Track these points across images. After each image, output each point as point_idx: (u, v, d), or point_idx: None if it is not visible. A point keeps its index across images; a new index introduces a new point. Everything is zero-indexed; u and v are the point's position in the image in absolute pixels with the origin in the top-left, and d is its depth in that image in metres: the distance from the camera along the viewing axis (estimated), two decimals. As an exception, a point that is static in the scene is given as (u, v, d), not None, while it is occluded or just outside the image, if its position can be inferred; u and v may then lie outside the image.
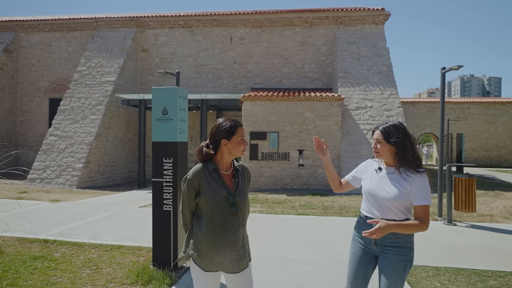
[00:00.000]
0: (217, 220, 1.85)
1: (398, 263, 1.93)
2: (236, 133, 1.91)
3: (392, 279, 1.92)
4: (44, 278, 3.50)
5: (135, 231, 5.51)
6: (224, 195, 1.87)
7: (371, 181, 2.07)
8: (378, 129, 2.06)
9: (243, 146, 1.94)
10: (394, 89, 12.48)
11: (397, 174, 1.98)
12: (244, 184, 1.99)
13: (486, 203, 8.55)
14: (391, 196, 1.95)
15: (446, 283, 3.57)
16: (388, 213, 1.96)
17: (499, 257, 4.41)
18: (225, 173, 1.93)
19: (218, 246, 1.83)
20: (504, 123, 22.92)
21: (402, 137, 1.98)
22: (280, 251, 4.54)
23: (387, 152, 2.01)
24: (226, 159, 1.94)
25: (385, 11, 14.12)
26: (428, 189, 1.95)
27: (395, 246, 1.95)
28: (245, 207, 1.94)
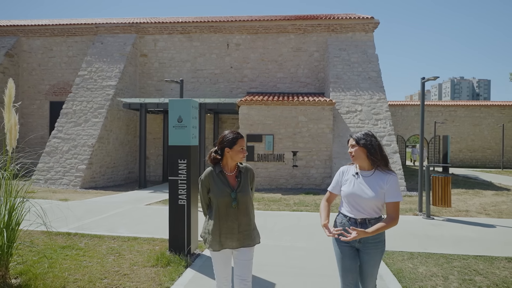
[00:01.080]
0: (222, 211, 2.37)
1: (377, 255, 2.28)
2: (237, 144, 2.40)
3: (373, 268, 2.29)
4: (76, 262, 4.08)
5: (146, 225, 6.10)
6: (227, 192, 2.37)
7: (351, 185, 2.33)
8: (352, 137, 2.40)
9: (243, 154, 2.43)
10: (383, 94, 13.22)
11: (375, 175, 2.26)
12: (247, 182, 2.46)
13: (465, 200, 9.30)
14: (369, 196, 2.22)
15: (418, 264, 4.23)
16: (367, 212, 2.25)
17: (465, 244, 5.10)
18: (229, 174, 2.45)
19: (221, 230, 2.36)
20: (489, 126, 23.89)
21: (370, 141, 2.30)
22: (278, 241, 5.18)
23: (361, 155, 2.30)
24: (230, 163, 2.45)
25: (374, 20, 14.88)
26: (398, 187, 2.24)
27: (375, 242, 2.27)
28: (246, 201, 2.41)
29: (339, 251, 2.37)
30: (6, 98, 3.49)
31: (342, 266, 2.35)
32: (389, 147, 11.94)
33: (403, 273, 3.92)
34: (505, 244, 5.16)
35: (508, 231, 5.95)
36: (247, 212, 2.42)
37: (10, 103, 3.48)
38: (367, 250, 2.27)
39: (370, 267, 2.29)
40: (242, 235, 2.38)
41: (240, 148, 2.41)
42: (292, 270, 3.98)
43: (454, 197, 9.72)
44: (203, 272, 3.82)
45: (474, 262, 4.33)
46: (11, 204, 3.35)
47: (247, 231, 2.41)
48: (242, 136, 2.46)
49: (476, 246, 5.05)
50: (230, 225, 2.36)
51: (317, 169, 12.21)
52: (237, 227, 2.37)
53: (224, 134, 2.46)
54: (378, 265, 2.32)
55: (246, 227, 2.41)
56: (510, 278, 3.82)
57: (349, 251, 2.33)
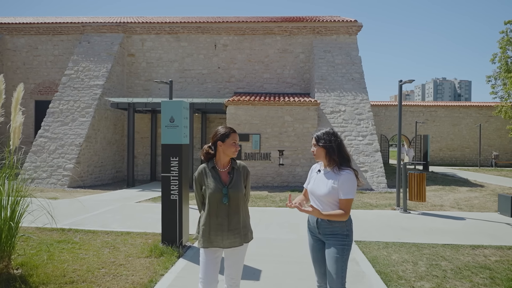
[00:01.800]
0: (212, 207, 2.34)
1: (337, 247, 2.29)
2: (229, 137, 2.40)
3: (333, 260, 2.29)
4: (73, 255, 4.31)
5: (138, 221, 6.33)
6: (219, 188, 2.33)
7: (312, 181, 2.46)
8: (313, 136, 2.47)
9: (235, 148, 2.40)
10: (365, 95, 13.72)
11: (331, 173, 2.35)
12: (240, 179, 2.43)
13: (441, 196, 9.85)
14: (323, 192, 2.32)
15: (391, 252, 4.64)
16: (325, 207, 2.32)
17: (436, 235, 5.55)
18: (222, 170, 2.42)
19: (211, 227, 2.33)
20: (467, 125, 24.86)
21: (329, 141, 2.36)
22: (264, 234, 5.51)
23: (321, 153, 2.39)
24: (223, 158, 2.43)
25: (357, 23, 15.38)
26: (351, 185, 2.28)
27: (333, 234, 2.32)
28: (237, 198, 2.37)
29: (309, 242, 2.51)
30: (13, 101, 3.70)
31: (311, 256, 2.50)
32: (371, 145, 12.44)
33: (378, 260, 4.31)
34: (471, 234, 5.63)
35: (475, 223, 6.45)
36: (237, 210, 2.39)
37: (17, 105, 3.70)
38: (328, 241, 2.34)
39: (330, 260, 2.29)
40: (232, 233, 2.35)
41: (233, 142, 2.40)
42: (277, 259, 4.32)
43: (431, 193, 10.27)
44: (195, 261, 4.11)
45: (442, 249, 4.76)
46: (14, 200, 3.56)
47: (237, 229, 2.37)
48: (235, 131, 2.47)
49: (445, 236, 5.50)
50: (220, 221, 2.33)
51: (302, 167, 12.60)
52: (226, 224, 2.33)
53: (217, 129, 2.49)
54: (340, 261, 2.28)
55: (236, 225, 2.36)
56: (472, 263, 4.26)
57: (316, 243, 2.44)
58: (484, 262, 4.26)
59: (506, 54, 19.74)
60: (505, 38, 19.59)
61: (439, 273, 3.90)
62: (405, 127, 24.78)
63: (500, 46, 19.95)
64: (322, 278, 2.45)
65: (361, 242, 5.08)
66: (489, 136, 24.53)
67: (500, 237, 5.44)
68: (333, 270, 2.29)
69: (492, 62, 20.89)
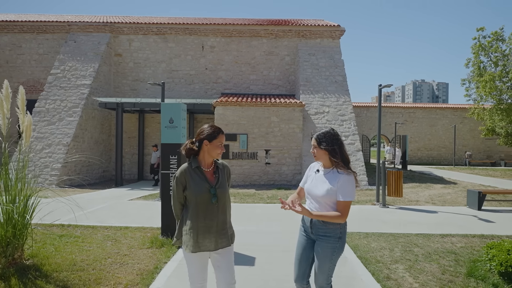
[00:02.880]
0: (200, 209, 2.23)
1: (327, 250, 2.28)
2: (217, 138, 2.30)
3: (321, 262, 2.30)
4: (78, 247, 4.59)
5: (134, 217, 6.61)
6: (206, 188, 2.24)
7: (310, 181, 2.42)
8: (313, 136, 2.40)
9: (220, 150, 2.31)
10: (348, 96, 14.35)
11: (330, 174, 2.30)
12: (224, 178, 2.36)
13: (417, 192, 10.54)
14: (321, 193, 2.28)
15: (371, 241, 5.14)
16: (323, 207, 2.30)
17: (411, 226, 6.11)
18: (206, 170, 2.32)
19: (199, 229, 2.22)
20: (443, 126, 26.04)
21: (332, 143, 2.31)
22: (255, 227, 5.92)
23: (322, 156, 2.35)
24: (207, 158, 2.32)
25: (340, 28, 16.01)
26: (351, 187, 2.24)
27: (326, 236, 2.30)
28: (225, 197, 2.31)
29: (298, 239, 2.49)
30: (19, 102, 3.96)
31: (295, 254, 2.48)
32: (353, 145, 13.05)
33: (359, 247, 4.80)
34: (442, 225, 6.23)
35: (446, 215, 7.07)
36: (224, 210, 2.33)
37: (24, 105, 3.96)
38: (319, 241, 2.33)
39: (320, 260, 2.30)
40: (219, 235, 2.28)
41: (219, 144, 2.32)
42: (268, 248, 4.74)
43: (408, 190, 10.95)
44: (193, 251, 4.48)
45: (415, 238, 5.30)
46: (26, 196, 3.84)
47: (224, 230, 2.31)
48: (222, 132, 2.38)
49: (419, 227, 6.06)
50: (207, 223, 2.24)
51: (288, 166, 13.09)
52: (215, 225, 2.26)
53: (205, 127, 2.37)
54: (328, 262, 2.29)
55: (223, 225, 2.31)
56: (440, 248, 4.80)
57: (306, 241, 2.42)
58: (451, 248, 4.82)
59: (479, 59, 20.85)
60: (477, 44, 20.69)
61: (411, 257, 4.42)
62: (385, 127, 25.73)
63: (473, 52, 21.05)
64: (301, 279, 2.42)
65: (344, 233, 5.57)
66: (463, 136, 25.78)
67: (467, 227, 6.05)
68: (320, 270, 2.29)
69: (466, 66, 22.00)
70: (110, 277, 3.59)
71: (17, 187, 3.82)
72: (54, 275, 3.59)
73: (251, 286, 3.47)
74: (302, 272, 2.41)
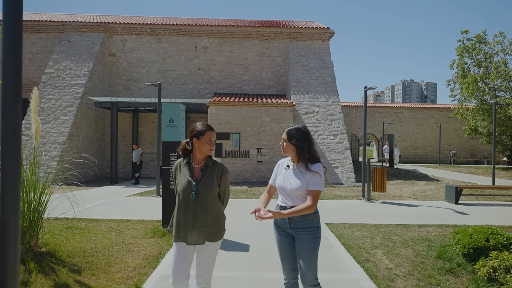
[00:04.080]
0: (181, 202, 2.33)
1: (310, 241, 2.34)
2: (205, 135, 2.35)
3: (307, 254, 2.33)
4: (85, 237, 4.96)
5: (133, 211, 6.98)
6: (188, 183, 2.31)
7: (282, 177, 2.46)
8: (285, 130, 2.47)
9: (209, 146, 2.36)
10: (337, 97, 14.88)
11: (301, 167, 2.37)
12: (212, 177, 2.36)
13: (401, 188, 11.11)
14: (294, 187, 2.34)
15: (354, 231, 5.62)
16: (296, 201, 2.36)
17: (392, 218, 6.62)
18: (196, 166, 2.39)
19: (180, 223, 2.31)
20: (429, 126, 26.86)
21: (301, 140, 2.38)
22: (248, 219, 6.36)
23: (290, 150, 2.42)
24: (198, 155, 2.39)
25: (330, 30, 16.53)
26: (320, 178, 2.33)
27: (305, 228, 2.35)
28: (206, 195, 2.31)
29: (276, 238, 2.52)
30: (32, 105, 4.31)
31: (279, 252, 2.49)
32: (341, 144, 13.59)
33: (343, 236, 5.27)
34: (420, 216, 6.76)
35: (425, 209, 7.62)
36: (205, 207, 2.33)
37: (36, 107, 4.31)
38: (299, 235, 2.36)
39: (304, 253, 2.33)
40: (196, 231, 2.30)
41: (208, 140, 2.36)
42: (261, 236, 5.18)
43: (393, 186, 11.52)
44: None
45: (395, 228, 5.81)
46: (40, 190, 4.20)
47: (203, 227, 2.31)
48: (211, 128, 2.42)
49: (399, 218, 6.58)
50: (187, 217, 2.30)
51: (279, 164, 13.54)
52: (192, 220, 2.29)
53: (194, 125, 2.45)
54: (313, 254, 2.34)
55: (202, 223, 2.31)
56: (416, 236, 5.31)
57: (285, 238, 2.45)
58: (426, 236, 5.33)
59: (463, 61, 21.64)
60: (462, 46, 21.47)
61: (390, 244, 4.91)
62: (373, 127, 26.43)
63: (458, 54, 21.83)
64: (290, 273, 2.47)
65: (330, 224, 6.05)
66: (448, 135, 26.65)
67: (443, 219, 6.59)
68: (306, 264, 2.32)
69: (451, 67, 22.79)
70: (119, 261, 3.99)
71: (32, 183, 4.17)
72: (67, 260, 3.96)
73: (247, 267, 3.90)
74: (291, 267, 2.45)
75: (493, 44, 20.72)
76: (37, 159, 4.46)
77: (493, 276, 3.40)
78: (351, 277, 3.67)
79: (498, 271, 3.38)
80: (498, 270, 3.39)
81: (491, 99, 20.40)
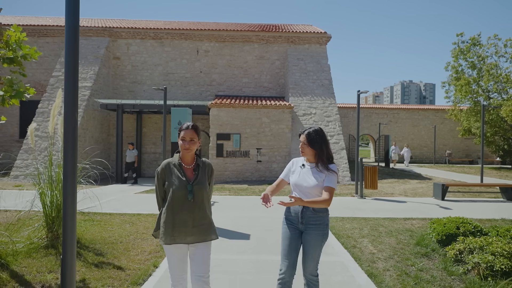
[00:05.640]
0: (176, 203, 2.32)
1: (318, 237, 2.47)
2: (180, 134, 2.37)
3: (313, 249, 2.46)
4: (102, 228, 5.52)
5: (143, 206, 7.55)
6: (183, 184, 2.32)
7: (297, 175, 2.59)
8: (304, 133, 2.57)
9: (183, 144, 2.34)
10: (333, 99, 15.45)
11: (316, 168, 2.53)
12: (204, 177, 2.42)
13: (393, 186, 11.68)
14: (311, 185, 2.48)
15: (345, 223, 6.20)
16: (310, 198, 2.49)
17: (381, 212, 7.20)
18: (187, 167, 2.40)
19: (175, 223, 2.31)
20: (425, 127, 27.44)
21: (321, 142, 2.53)
22: (249, 213, 6.93)
23: (310, 152, 2.56)
24: (183, 155, 2.40)
25: (327, 34, 17.12)
26: (335, 178, 2.51)
27: (316, 224, 2.48)
28: (202, 194, 2.37)
29: (284, 231, 2.61)
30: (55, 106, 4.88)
31: (283, 245, 2.57)
32: (337, 144, 14.16)
33: (335, 227, 5.84)
34: (407, 211, 7.33)
35: (413, 205, 8.19)
36: (202, 206, 2.39)
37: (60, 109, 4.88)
38: (309, 231, 2.48)
39: (311, 248, 2.46)
40: (196, 230, 2.35)
41: (183, 138, 2.35)
42: (261, 228, 5.75)
43: (387, 185, 12.09)
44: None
45: (382, 221, 6.38)
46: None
47: (202, 225, 2.37)
48: (188, 128, 2.40)
49: (388, 213, 7.16)
50: (184, 218, 2.32)
51: (278, 163, 14.12)
52: (191, 220, 2.33)
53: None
54: (319, 248, 2.48)
55: (201, 221, 2.37)
56: (401, 228, 5.88)
57: (293, 232, 2.54)
58: (410, 227, 5.90)
59: (458, 62, 22.22)
60: (457, 49, 22.06)
61: (376, 234, 5.48)
62: (370, 127, 27.00)
63: (452, 56, 22.41)
64: (290, 268, 2.53)
65: (324, 217, 6.62)
66: (444, 136, 27.24)
67: (427, 213, 7.17)
68: (312, 257, 2.47)
69: (446, 69, 23.38)
70: (136, 247, 4.55)
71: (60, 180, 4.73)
72: (90, 246, 4.53)
73: (249, 252, 4.47)
74: (292, 261, 2.52)
75: (487, 46, 21.31)
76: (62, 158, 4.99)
77: (459, 257, 3.97)
78: (338, 259, 4.24)
79: (463, 253, 3.95)
80: (463, 252, 3.96)
81: (484, 100, 20.98)
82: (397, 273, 3.82)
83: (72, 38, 2.34)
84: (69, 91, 2.39)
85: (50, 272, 3.62)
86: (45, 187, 4.63)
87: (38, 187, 4.63)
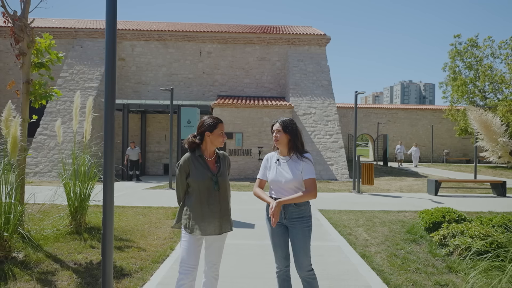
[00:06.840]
0: (203, 195, 2.37)
1: (304, 229, 2.47)
2: (217, 128, 2.42)
3: (302, 243, 2.45)
4: (117, 219, 5.98)
5: (153, 200, 8.01)
6: (208, 176, 2.38)
7: (274, 172, 2.55)
8: (278, 122, 2.56)
9: (222, 138, 2.43)
10: (332, 99, 15.92)
11: (291, 160, 2.49)
12: (225, 168, 2.52)
13: (390, 183, 12.15)
14: (289, 179, 2.46)
15: (343, 215, 6.66)
16: (290, 193, 2.47)
17: (376, 206, 7.66)
18: (209, 159, 2.46)
19: (204, 215, 2.36)
20: (423, 126, 27.90)
21: (295, 129, 2.54)
22: (253, 206, 7.39)
23: (284, 140, 2.51)
24: (209, 148, 2.47)
25: (326, 36, 17.58)
26: (312, 167, 2.50)
27: (300, 217, 2.47)
28: (225, 185, 2.47)
29: (269, 229, 2.59)
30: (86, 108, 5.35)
31: (272, 242, 2.58)
32: (336, 143, 14.63)
33: (332, 219, 6.31)
34: (401, 205, 7.80)
35: (408, 199, 8.66)
36: (225, 197, 2.47)
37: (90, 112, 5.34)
38: (293, 224, 2.47)
39: (299, 241, 2.45)
40: (223, 220, 2.42)
41: (220, 132, 2.43)
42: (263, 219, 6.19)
43: (384, 182, 12.55)
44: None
45: (377, 213, 6.85)
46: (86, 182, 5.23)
47: (227, 215, 2.45)
48: (221, 121, 2.49)
49: (383, 206, 7.62)
50: (212, 209, 2.37)
51: (279, 161, 14.57)
52: (218, 211, 2.39)
53: (204, 119, 2.49)
54: (307, 241, 2.47)
55: (226, 211, 2.45)
56: (394, 219, 6.34)
57: (278, 228, 2.53)
58: (402, 219, 6.36)
59: (455, 63, 22.68)
60: (454, 50, 22.52)
61: (370, 224, 5.95)
62: (370, 127, 27.46)
63: (450, 57, 22.88)
64: (283, 262, 2.56)
65: (322, 210, 7.08)
66: (441, 136, 27.70)
67: (420, 206, 7.62)
68: (302, 251, 2.45)
69: (443, 70, 23.86)
70: (152, 234, 5.02)
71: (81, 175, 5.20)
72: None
73: (254, 237, 4.94)
74: (285, 255, 2.55)
75: (483, 48, 21.76)
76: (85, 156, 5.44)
77: (443, 242, 4.43)
78: (335, 244, 4.71)
79: (447, 238, 4.42)
80: (447, 237, 4.42)
81: (481, 100, 21.46)
82: (387, 255, 4.28)
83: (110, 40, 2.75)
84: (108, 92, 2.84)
85: (79, 253, 4.08)
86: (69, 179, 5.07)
87: (62, 179, 5.06)
